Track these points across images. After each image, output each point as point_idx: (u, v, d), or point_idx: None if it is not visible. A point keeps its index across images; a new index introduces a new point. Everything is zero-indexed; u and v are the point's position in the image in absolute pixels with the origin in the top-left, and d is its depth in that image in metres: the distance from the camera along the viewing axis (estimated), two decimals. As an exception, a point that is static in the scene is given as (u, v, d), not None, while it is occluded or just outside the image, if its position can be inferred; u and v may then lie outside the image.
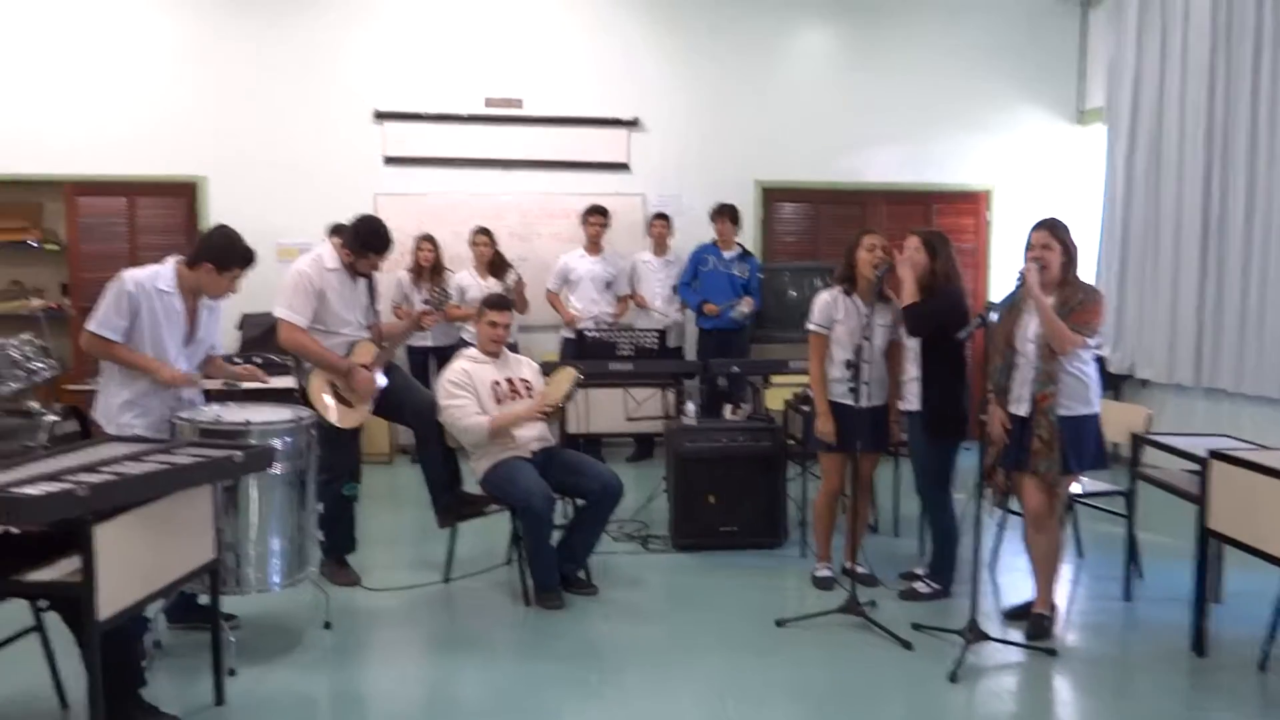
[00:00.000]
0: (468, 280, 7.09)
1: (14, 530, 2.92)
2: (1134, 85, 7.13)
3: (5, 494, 2.55)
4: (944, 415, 4.25)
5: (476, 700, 3.52)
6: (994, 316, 3.91)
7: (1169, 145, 6.80)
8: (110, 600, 2.72)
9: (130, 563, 2.83)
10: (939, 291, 4.26)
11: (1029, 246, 3.95)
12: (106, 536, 2.69)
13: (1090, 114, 7.98)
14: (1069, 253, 3.92)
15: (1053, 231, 3.94)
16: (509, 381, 4.58)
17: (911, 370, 4.35)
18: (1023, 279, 3.87)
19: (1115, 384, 7.21)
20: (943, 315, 4.20)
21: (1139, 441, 4.55)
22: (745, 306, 7.00)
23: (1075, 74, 8.11)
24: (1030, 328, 3.92)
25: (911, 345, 4.34)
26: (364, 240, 4.47)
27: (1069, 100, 8.12)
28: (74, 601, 2.77)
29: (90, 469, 2.82)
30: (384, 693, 3.59)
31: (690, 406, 5.45)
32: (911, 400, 4.36)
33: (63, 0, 7.33)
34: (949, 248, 4.34)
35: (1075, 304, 3.85)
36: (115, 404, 3.70)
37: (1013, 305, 3.98)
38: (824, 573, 4.64)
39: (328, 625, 4.07)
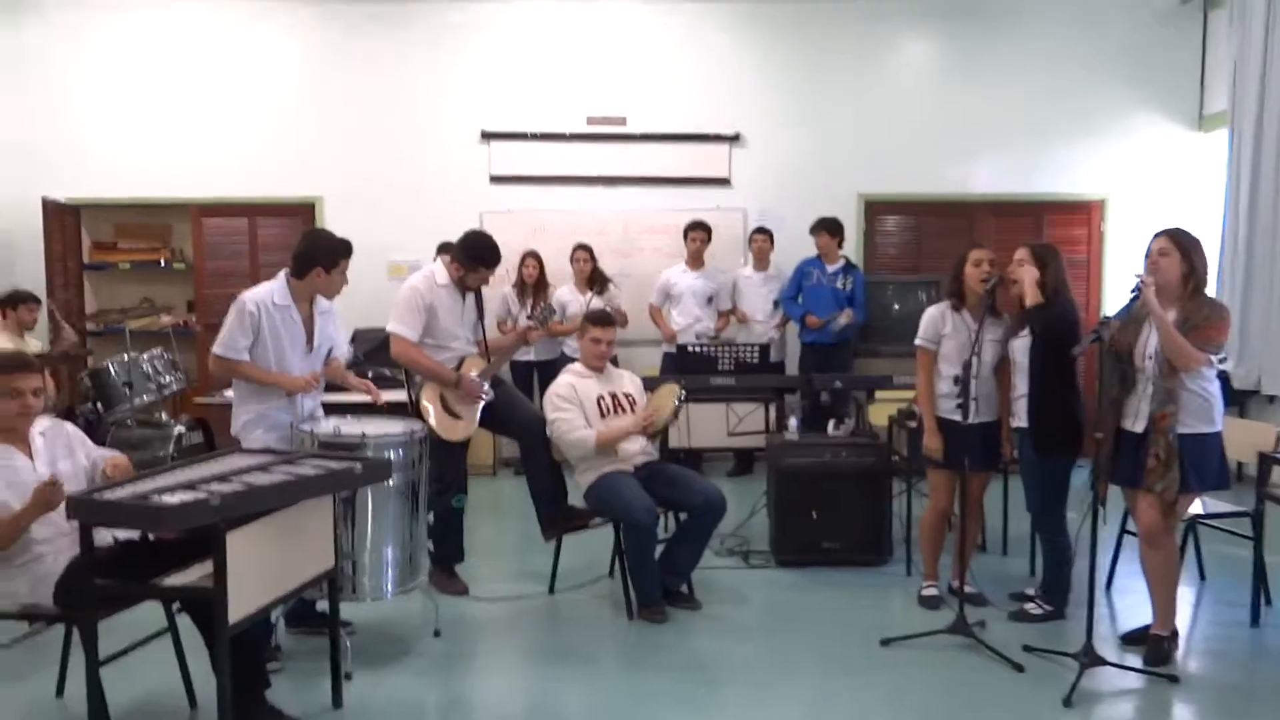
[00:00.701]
0: (568, 295, 7.20)
1: (150, 536, 3.11)
2: (1260, 88, 6.82)
3: (146, 502, 2.71)
4: (1056, 432, 4.13)
5: (580, 711, 3.58)
6: (1108, 332, 3.77)
7: (1296, 151, 6.49)
8: (239, 604, 2.86)
9: (257, 569, 2.96)
10: (1049, 304, 4.16)
11: (1148, 254, 3.83)
12: (237, 543, 2.83)
13: (1212, 119, 7.67)
14: (1191, 263, 3.77)
15: (1172, 239, 3.81)
16: (613, 396, 4.64)
17: (1020, 387, 4.26)
18: (1139, 290, 3.75)
19: (1240, 400, 6.90)
20: (1056, 327, 4.09)
21: (1267, 460, 4.35)
22: (844, 319, 6.93)
23: (1196, 78, 7.80)
24: (1151, 343, 3.79)
25: (1021, 361, 4.24)
26: (473, 254, 4.59)
27: (1189, 105, 7.82)
28: (206, 605, 2.93)
29: (221, 479, 2.98)
30: (491, 701, 3.67)
31: (793, 422, 5.42)
32: (1022, 417, 4.26)
33: (186, 33, 7.76)
34: (1059, 260, 4.23)
35: (1199, 319, 3.70)
36: (247, 419, 3.88)
37: (1130, 318, 3.85)
38: (930, 591, 4.57)
39: (437, 633, 4.18)
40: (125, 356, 6.05)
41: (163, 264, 8.06)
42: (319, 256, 3.91)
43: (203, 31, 7.77)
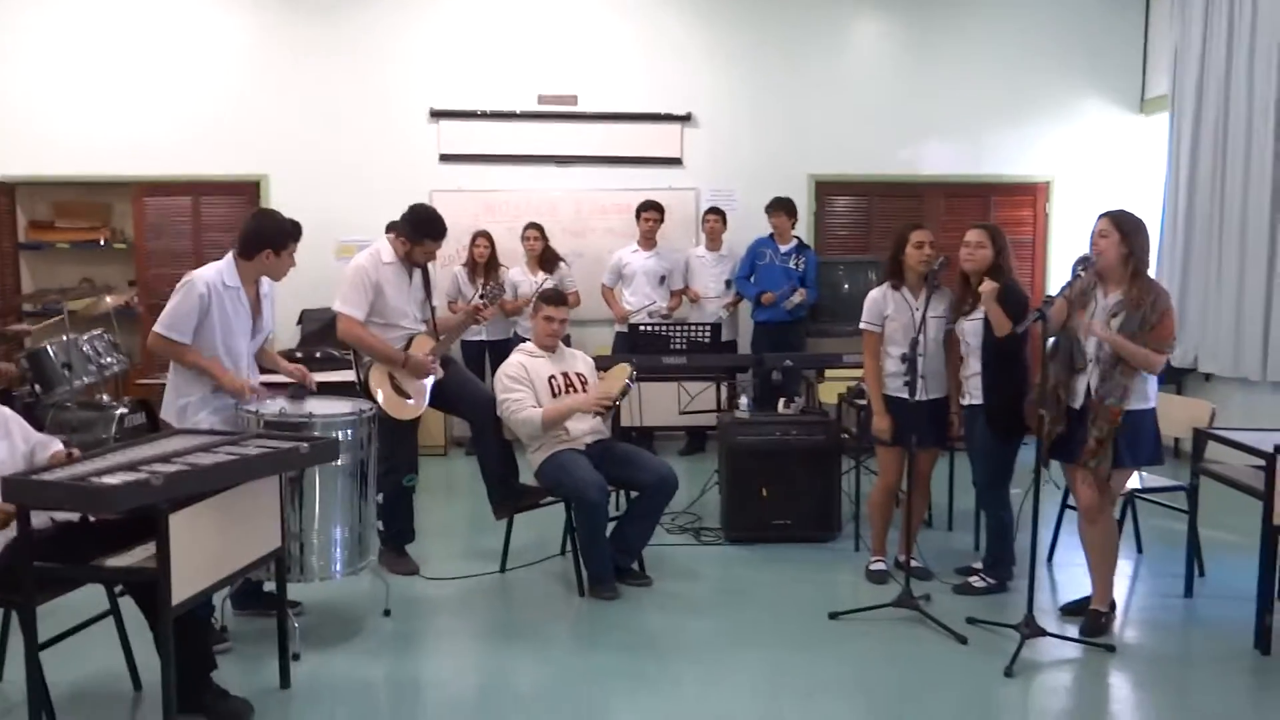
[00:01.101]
0: (519, 276, 7.18)
1: (91, 518, 3.05)
2: (1199, 72, 6.98)
3: (85, 483, 2.66)
4: (1011, 410, 4.20)
5: (532, 689, 3.58)
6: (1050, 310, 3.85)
7: (1236, 133, 6.64)
8: (183, 586, 2.82)
9: (201, 550, 2.93)
10: (1004, 285, 4.21)
11: (1092, 236, 3.90)
12: (180, 525, 2.79)
13: (1153, 103, 7.83)
14: (1131, 245, 3.84)
15: (1113, 220, 3.87)
16: (564, 376, 4.64)
17: (973, 365, 4.31)
18: (1079, 267, 3.82)
19: (1177, 378, 7.08)
20: (1014, 307, 4.14)
21: (1202, 436, 4.47)
22: (797, 297, 6.98)
23: (1138, 62, 7.96)
24: (1095, 321, 3.86)
25: (973, 342, 4.30)
26: (419, 228, 4.56)
27: (1132, 89, 7.97)
28: (149, 587, 2.88)
29: (164, 459, 2.93)
30: (442, 680, 3.67)
31: (744, 400, 5.46)
32: (974, 394, 4.32)
33: (127, 8, 7.56)
34: (1006, 240, 4.31)
35: (1148, 314, 3.76)
36: (184, 404, 3.79)
37: (1078, 295, 3.91)
38: (878, 566, 4.64)
39: (387, 613, 4.16)
40: (64, 338, 5.90)
41: (103, 243, 7.88)
42: (269, 238, 3.84)
43: (145, 5, 7.57)
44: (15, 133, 7.51)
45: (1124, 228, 3.85)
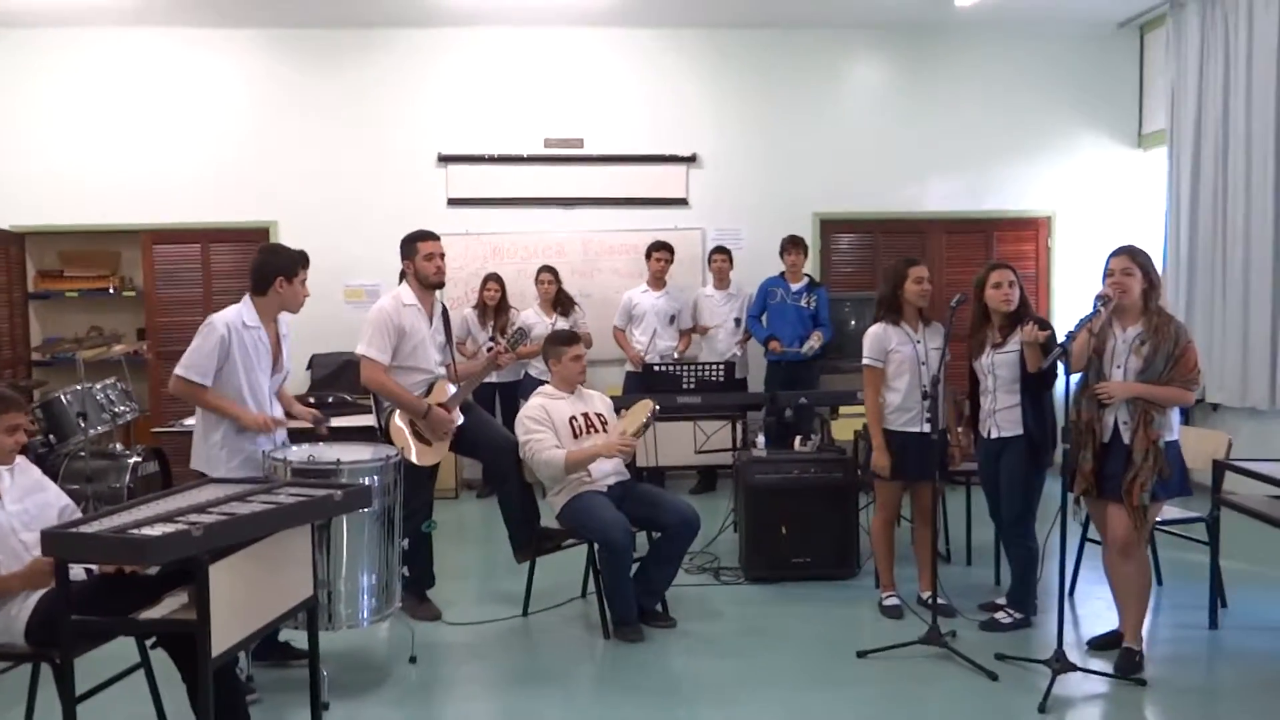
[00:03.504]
0: (533, 318, 7.19)
1: (127, 570, 3.04)
2: (1197, 107, 7.08)
3: (126, 535, 2.66)
4: (1051, 442, 4.23)
5: (564, 734, 3.57)
6: (1073, 342, 3.87)
7: (1235, 166, 6.73)
8: (221, 637, 2.80)
9: (238, 601, 2.91)
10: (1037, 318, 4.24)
11: (1108, 273, 3.94)
12: (218, 575, 2.78)
13: (1150, 137, 7.94)
14: (1150, 279, 3.90)
15: (1132, 256, 3.92)
16: (585, 416, 4.65)
17: (1003, 399, 4.30)
18: (1099, 304, 3.87)
19: (1185, 409, 7.09)
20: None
21: (1221, 467, 4.49)
22: (815, 341, 7.00)
23: (1135, 98, 8.07)
24: (1118, 355, 3.89)
25: (1004, 374, 4.30)
26: (409, 240, 4.66)
27: (1129, 125, 8.08)
28: (184, 639, 2.87)
29: (199, 509, 2.92)
30: (472, 727, 3.65)
31: (760, 439, 5.47)
32: (1003, 428, 4.32)
33: (136, 58, 7.65)
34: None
35: (1171, 347, 3.80)
36: (211, 449, 3.81)
37: (1094, 332, 3.95)
38: (891, 601, 4.65)
39: (413, 660, 4.14)
40: (79, 387, 5.90)
41: (111, 291, 7.90)
42: (279, 267, 3.91)
43: (154, 55, 7.65)
44: (24, 181, 7.56)
45: (1142, 262, 3.91)
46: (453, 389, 4.64)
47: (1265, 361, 6.52)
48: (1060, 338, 3.93)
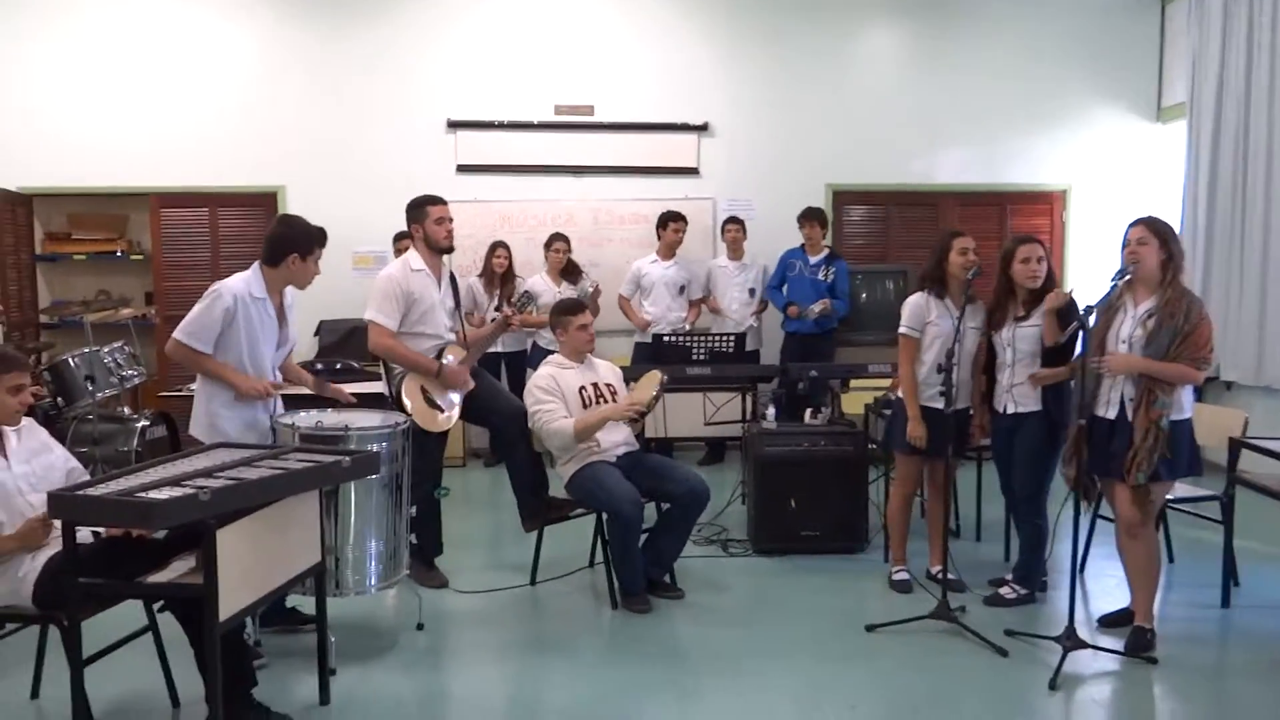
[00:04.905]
0: (540, 286, 7.13)
1: (134, 533, 3.02)
2: (1218, 80, 6.97)
3: (133, 499, 2.64)
4: (1062, 420, 4.17)
5: (568, 703, 3.55)
6: (1092, 319, 3.82)
7: (1257, 140, 6.63)
8: (229, 602, 2.79)
9: (246, 566, 2.90)
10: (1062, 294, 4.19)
11: (1125, 244, 3.87)
12: (226, 540, 2.76)
13: (1170, 110, 7.83)
14: (1169, 250, 3.81)
15: (1149, 226, 3.85)
16: (594, 386, 4.61)
17: (1019, 373, 4.24)
18: (1120, 277, 3.81)
19: (1198, 386, 7.03)
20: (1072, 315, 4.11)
21: (1236, 445, 4.44)
22: (819, 307, 6.95)
23: (1154, 70, 7.96)
24: (1124, 329, 3.84)
25: (1025, 348, 4.23)
26: (415, 204, 4.61)
27: (1148, 97, 7.97)
28: (192, 603, 2.86)
29: (207, 474, 2.90)
30: (477, 695, 3.64)
31: (770, 411, 5.44)
32: (1020, 403, 4.26)
33: (144, 18, 7.56)
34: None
35: (1181, 322, 3.72)
36: (212, 417, 3.76)
37: (1109, 306, 3.90)
38: (901, 575, 4.62)
39: (420, 627, 4.13)
40: (86, 350, 5.87)
41: (119, 254, 7.86)
42: (294, 243, 3.82)
43: (162, 16, 7.56)
44: (32, 143, 7.50)
45: (1160, 232, 3.83)
46: (463, 354, 4.60)
47: (1282, 339, 6.45)
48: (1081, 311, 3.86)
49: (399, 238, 6.88)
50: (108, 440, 5.81)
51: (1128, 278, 3.83)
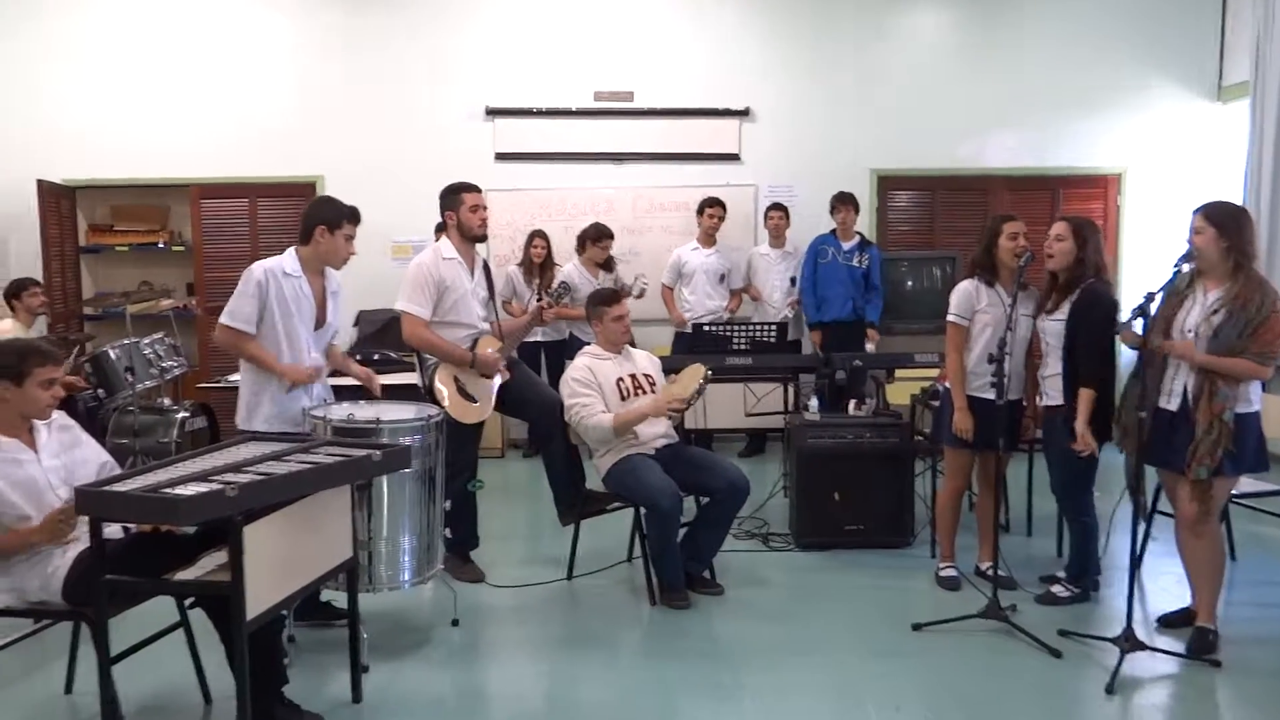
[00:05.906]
0: (577, 276, 7.02)
1: (161, 529, 2.97)
2: (1283, 58, 6.69)
3: (159, 495, 2.58)
4: (1096, 413, 4.00)
5: (604, 700, 3.47)
6: (1154, 305, 3.64)
7: (1323, 120, 6.36)
8: (257, 599, 2.73)
9: (275, 562, 2.84)
10: (1088, 287, 4.02)
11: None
12: (254, 536, 2.70)
13: (1231, 90, 7.53)
14: (1229, 238, 3.62)
15: (1203, 215, 3.66)
16: (632, 378, 4.51)
17: (1052, 365, 4.12)
18: (1182, 262, 3.63)
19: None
20: (1101, 307, 3.97)
21: (1305, 438, 4.24)
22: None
23: (1215, 48, 7.65)
24: (1190, 318, 3.66)
25: (1053, 342, 4.10)
26: (449, 190, 4.55)
27: (1208, 76, 7.67)
28: (221, 600, 2.81)
29: (235, 469, 2.85)
30: (513, 692, 3.56)
31: (813, 402, 5.30)
32: (1052, 395, 4.13)
33: (184, 12, 7.58)
34: (1098, 236, 4.12)
35: (1253, 314, 3.53)
36: (256, 401, 3.75)
37: (1174, 290, 3.72)
38: (949, 572, 4.48)
39: (455, 622, 4.07)
40: (126, 341, 5.89)
41: (161, 246, 7.91)
42: (321, 216, 3.82)
43: (202, 8, 7.58)
44: (75, 137, 7.56)
45: (1218, 221, 3.64)
46: (498, 344, 4.52)
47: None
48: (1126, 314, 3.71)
49: (440, 228, 6.82)
50: (148, 432, 5.84)
51: (1190, 265, 3.65)
